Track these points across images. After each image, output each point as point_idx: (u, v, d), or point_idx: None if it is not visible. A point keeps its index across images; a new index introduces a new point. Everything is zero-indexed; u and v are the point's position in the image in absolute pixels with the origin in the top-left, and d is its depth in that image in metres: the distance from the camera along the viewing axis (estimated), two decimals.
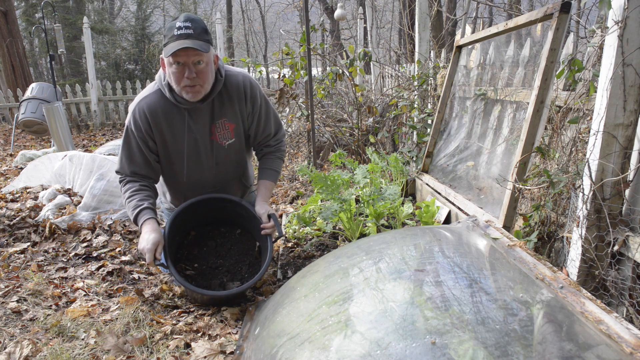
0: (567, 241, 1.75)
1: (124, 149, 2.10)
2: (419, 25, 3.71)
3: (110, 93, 9.11)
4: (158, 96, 2.05)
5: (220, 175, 2.24)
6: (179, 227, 2.11)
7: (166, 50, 1.86)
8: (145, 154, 2.08)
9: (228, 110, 2.11)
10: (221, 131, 2.13)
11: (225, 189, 2.27)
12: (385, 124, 4.50)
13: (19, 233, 2.87)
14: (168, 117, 2.05)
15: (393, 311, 1.14)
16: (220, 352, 1.65)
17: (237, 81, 2.10)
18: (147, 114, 2.03)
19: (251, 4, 17.94)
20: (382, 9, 11.67)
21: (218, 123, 2.11)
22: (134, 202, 2.02)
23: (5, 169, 5.17)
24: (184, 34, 1.84)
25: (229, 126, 2.14)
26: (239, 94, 2.11)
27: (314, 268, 1.65)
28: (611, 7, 1.44)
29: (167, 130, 2.07)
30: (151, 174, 2.14)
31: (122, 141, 2.10)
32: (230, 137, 2.16)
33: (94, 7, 15.70)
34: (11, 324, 1.89)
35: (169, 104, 2.04)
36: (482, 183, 2.41)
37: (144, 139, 2.06)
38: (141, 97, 2.07)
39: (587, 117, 1.92)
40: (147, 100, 2.05)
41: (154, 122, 2.04)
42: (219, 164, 2.20)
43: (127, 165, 2.10)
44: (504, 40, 2.62)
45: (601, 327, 1.09)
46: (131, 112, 2.06)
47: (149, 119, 2.03)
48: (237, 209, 2.18)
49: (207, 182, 2.23)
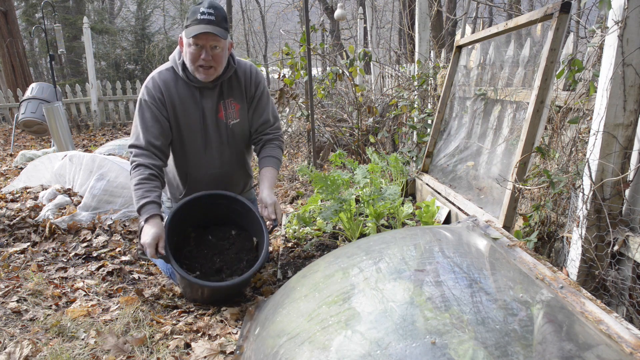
0: (567, 241, 1.75)
1: (139, 120, 2.15)
2: (419, 25, 3.71)
3: (110, 93, 9.11)
4: (171, 73, 2.19)
5: (224, 156, 2.31)
6: (176, 227, 2.12)
7: (188, 31, 2.01)
8: (161, 121, 2.15)
9: (235, 91, 2.26)
10: (228, 110, 2.25)
11: (228, 173, 2.34)
12: (385, 124, 4.50)
13: (19, 233, 2.87)
14: (180, 92, 2.18)
15: (393, 311, 1.14)
16: (220, 352, 1.65)
17: (245, 67, 2.30)
18: (161, 86, 2.15)
19: (251, 4, 17.94)
20: (382, 9, 11.67)
21: (226, 102, 2.24)
22: (140, 192, 2.02)
23: (5, 169, 5.17)
24: (206, 19, 2.00)
25: (235, 105, 2.27)
26: (246, 77, 2.28)
27: (314, 268, 1.65)
28: (611, 7, 1.44)
29: (179, 104, 2.18)
30: (164, 147, 2.17)
31: (136, 114, 2.17)
32: (236, 117, 2.28)
33: (94, 7, 15.70)
34: (11, 324, 1.89)
35: (181, 81, 2.17)
36: (482, 183, 2.41)
37: (158, 107, 2.15)
38: (155, 72, 2.20)
39: (587, 117, 1.92)
40: (161, 75, 2.18)
41: (167, 93, 2.16)
42: (223, 144, 2.28)
43: (143, 135, 2.12)
44: (504, 40, 2.62)
45: (601, 327, 1.09)
46: (145, 85, 2.18)
47: (162, 90, 2.15)
48: (232, 205, 2.20)
49: (213, 162, 2.29)
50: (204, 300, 2.09)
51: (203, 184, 2.29)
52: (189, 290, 2.11)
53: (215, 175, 2.31)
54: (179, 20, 15.74)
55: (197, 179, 2.31)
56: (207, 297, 2.07)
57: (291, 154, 5.14)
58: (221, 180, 2.32)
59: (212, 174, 2.30)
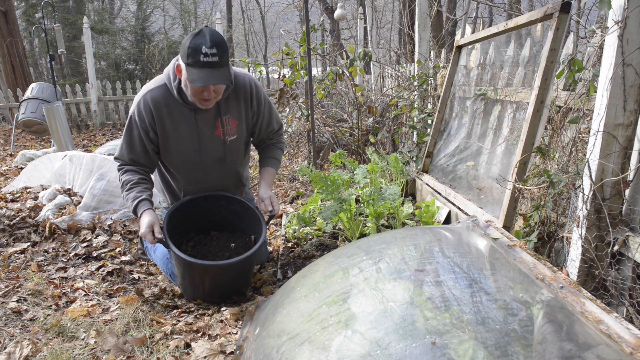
0: (567, 241, 1.75)
1: (126, 137, 2.17)
2: (419, 25, 3.71)
3: (110, 93, 9.11)
4: (163, 90, 2.11)
5: (220, 171, 2.29)
6: (176, 225, 2.13)
7: (190, 74, 1.88)
8: (145, 143, 2.15)
9: (233, 108, 2.21)
10: (225, 127, 2.21)
11: (225, 186, 2.33)
12: (385, 124, 4.50)
13: (19, 233, 2.87)
14: (172, 111, 2.12)
15: (393, 311, 1.14)
16: (220, 352, 1.65)
17: (243, 82, 2.20)
18: (151, 106, 2.10)
19: (251, 4, 17.94)
20: (382, 9, 11.67)
21: (223, 119, 2.20)
22: (133, 194, 2.10)
23: (5, 169, 5.17)
24: (210, 62, 1.86)
25: (232, 122, 2.22)
26: (245, 95, 2.22)
27: (314, 268, 1.65)
28: (611, 7, 1.44)
29: (170, 123, 2.14)
30: (148, 164, 2.22)
31: (125, 129, 2.18)
32: (233, 133, 2.24)
33: (94, 7, 15.70)
34: (11, 324, 1.89)
35: (174, 101, 2.12)
36: (482, 183, 2.41)
37: (145, 130, 2.13)
38: (146, 90, 2.14)
39: (587, 117, 1.92)
40: (152, 93, 2.11)
41: (157, 115, 2.11)
42: (219, 160, 2.26)
43: (126, 152, 2.19)
44: (504, 40, 2.62)
45: (601, 327, 1.09)
46: (136, 103, 2.14)
47: (152, 111, 2.11)
48: (231, 205, 2.25)
49: (207, 178, 2.28)
50: (205, 296, 2.08)
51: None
52: (190, 289, 2.11)
53: (210, 190, 2.29)
54: (179, 20, 15.75)
55: (192, 193, 2.28)
56: (207, 291, 2.07)
57: (291, 154, 5.14)
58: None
59: (207, 187, 2.28)
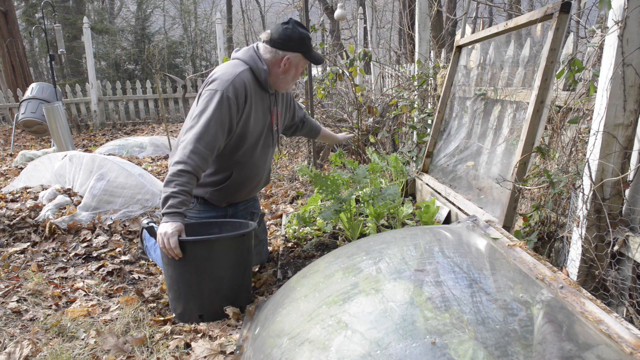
0: (567, 241, 1.75)
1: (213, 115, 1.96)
2: (419, 25, 3.71)
3: (110, 93, 9.11)
4: (250, 75, 2.14)
5: (268, 158, 2.40)
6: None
7: (313, 59, 2.20)
8: (233, 124, 2.06)
9: (280, 100, 2.39)
10: (277, 116, 2.37)
11: (265, 174, 2.46)
12: (385, 124, 4.50)
13: (19, 233, 2.87)
14: (255, 96, 2.17)
15: (393, 311, 1.14)
16: (220, 352, 1.65)
17: None
18: (247, 85, 2.09)
19: (251, 4, 17.95)
20: (382, 9, 11.68)
21: (276, 109, 2.35)
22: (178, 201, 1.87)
23: (5, 169, 5.17)
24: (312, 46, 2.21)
25: (279, 113, 2.39)
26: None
27: (314, 268, 1.65)
28: (611, 7, 1.44)
29: (254, 109, 2.17)
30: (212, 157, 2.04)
31: (211, 109, 1.97)
32: (279, 123, 2.41)
33: (94, 7, 15.70)
34: (11, 324, 1.89)
35: (257, 84, 2.18)
36: (482, 183, 2.41)
37: (238, 108, 2.05)
38: (235, 73, 2.06)
39: (587, 117, 1.92)
40: (244, 74, 2.10)
41: (249, 94, 2.12)
42: (269, 147, 2.38)
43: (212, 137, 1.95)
44: (504, 40, 2.62)
45: (601, 327, 1.09)
46: (228, 81, 2.01)
47: (246, 90, 2.09)
48: (223, 229, 2.17)
49: (259, 164, 2.34)
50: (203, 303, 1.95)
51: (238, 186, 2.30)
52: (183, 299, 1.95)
53: (253, 178, 2.33)
54: (179, 20, 15.74)
55: (237, 180, 2.25)
56: (207, 296, 1.96)
57: (291, 154, 5.14)
58: (257, 184, 2.40)
59: (252, 176, 2.32)
